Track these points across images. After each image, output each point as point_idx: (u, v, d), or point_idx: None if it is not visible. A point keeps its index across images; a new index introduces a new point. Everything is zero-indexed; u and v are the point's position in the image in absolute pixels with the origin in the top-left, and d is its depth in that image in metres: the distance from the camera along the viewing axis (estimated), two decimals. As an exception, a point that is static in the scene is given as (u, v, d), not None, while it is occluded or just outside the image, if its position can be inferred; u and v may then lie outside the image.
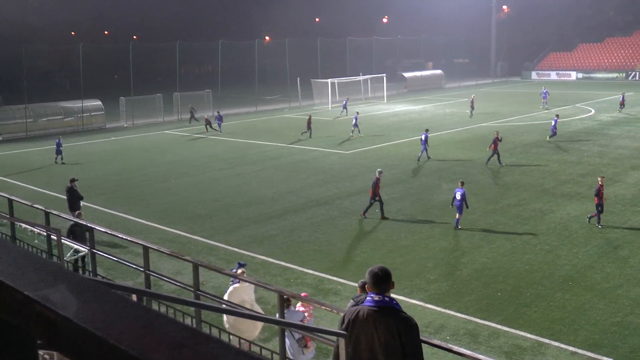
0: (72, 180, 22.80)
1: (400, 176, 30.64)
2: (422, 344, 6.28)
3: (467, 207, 22.50)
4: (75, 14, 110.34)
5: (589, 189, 27.30)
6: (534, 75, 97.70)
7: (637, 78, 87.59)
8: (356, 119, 44.47)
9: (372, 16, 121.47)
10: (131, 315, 1.33)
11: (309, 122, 43.61)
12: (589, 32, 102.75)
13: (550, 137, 39.80)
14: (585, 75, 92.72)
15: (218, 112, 48.53)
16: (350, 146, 39.41)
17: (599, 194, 21.96)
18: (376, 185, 23.53)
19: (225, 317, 12.22)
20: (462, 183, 23.17)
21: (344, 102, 58.85)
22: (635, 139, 39.41)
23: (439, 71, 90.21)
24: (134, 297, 8.78)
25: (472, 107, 53.66)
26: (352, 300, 8.81)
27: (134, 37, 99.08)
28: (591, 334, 14.38)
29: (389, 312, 5.23)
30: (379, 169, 24.68)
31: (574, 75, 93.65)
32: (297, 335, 11.08)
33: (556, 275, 17.96)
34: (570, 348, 13.79)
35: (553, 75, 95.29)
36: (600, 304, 15.99)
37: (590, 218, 22.35)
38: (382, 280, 5.33)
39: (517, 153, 35.60)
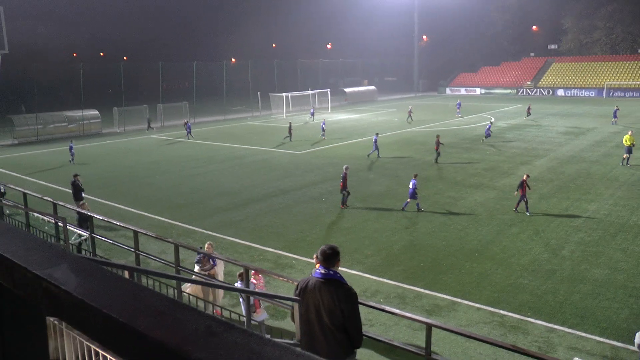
0: (75, 176, 22.41)
1: (342, 171, 30.64)
2: (361, 305, 6.32)
3: (416, 196, 22.55)
4: (75, 39, 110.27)
5: (490, 180, 27.90)
6: (447, 90, 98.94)
7: (524, 93, 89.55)
8: (324, 124, 44.80)
9: (319, 42, 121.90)
10: (121, 288, 1.32)
11: (290, 128, 43.23)
12: (489, 58, 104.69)
13: (484, 139, 40.57)
14: (487, 91, 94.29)
15: (187, 122, 47.65)
16: (302, 147, 39.36)
17: (522, 186, 21.82)
18: (344, 178, 23.37)
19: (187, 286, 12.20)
20: (416, 175, 23.21)
21: (312, 111, 59.95)
22: (525, 141, 40.28)
23: (372, 87, 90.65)
24: (127, 273, 8.65)
25: (410, 116, 54.75)
26: None
27: (125, 57, 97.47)
28: (492, 293, 14.69)
29: (332, 283, 5.26)
30: (345, 165, 24.56)
31: (478, 90, 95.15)
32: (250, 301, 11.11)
33: (466, 248, 18.27)
34: (477, 305, 14.06)
35: (463, 91, 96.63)
36: (498, 270, 16.33)
37: (516, 208, 22.06)
38: (329, 257, 5.36)
39: (434, 152, 36.04)
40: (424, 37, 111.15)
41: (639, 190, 25.32)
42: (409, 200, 22.65)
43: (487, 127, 41.78)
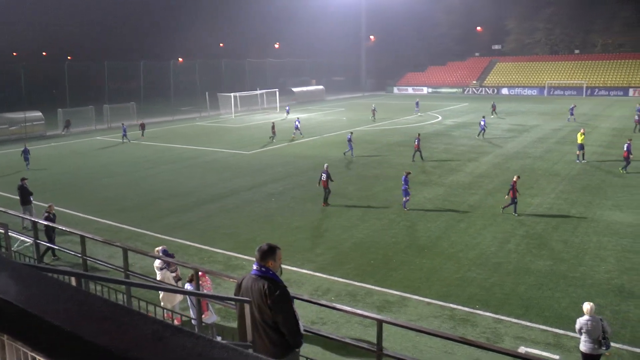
0: (23, 180, 21.61)
1: (291, 171, 30.70)
2: (313, 304, 6.34)
3: (408, 193, 22.57)
4: (15, 38, 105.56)
5: (439, 177, 28.40)
6: (395, 90, 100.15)
7: (470, 92, 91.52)
8: (298, 122, 44.81)
9: (267, 42, 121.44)
10: (66, 295, 1.29)
11: (273, 127, 42.94)
12: (436, 57, 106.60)
13: (479, 135, 41.46)
14: (434, 90, 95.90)
15: (123, 124, 45.91)
16: (251, 147, 39.13)
17: (513, 188, 21.47)
18: (327, 177, 23.29)
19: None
20: (408, 173, 23.18)
21: (287, 108, 61.34)
22: (471, 139, 41.18)
23: (321, 87, 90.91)
24: (74, 280, 8.41)
25: (374, 114, 55.58)
26: None
27: (69, 57, 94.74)
28: (441, 288, 14.97)
29: (263, 279, 5.26)
30: (326, 164, 24.48)
31: (425, 90, 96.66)
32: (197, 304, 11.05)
33: (415, 245, 18.55)
34: (427, 299, 14.31)
35: (410, 90, 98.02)
36: (447, 264, 16.66)
37: (504, 208, 21.83)
38: (264, 253, 5.36)
39: (383, 151, 36.46)
40: (371, 37, 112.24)
41: (578, 184, 26.25)
42: (405, 199, 22.64)
43: (482, 123, 42.09)
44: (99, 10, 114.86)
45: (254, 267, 5.39)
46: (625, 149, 28.95)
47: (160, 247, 13.45)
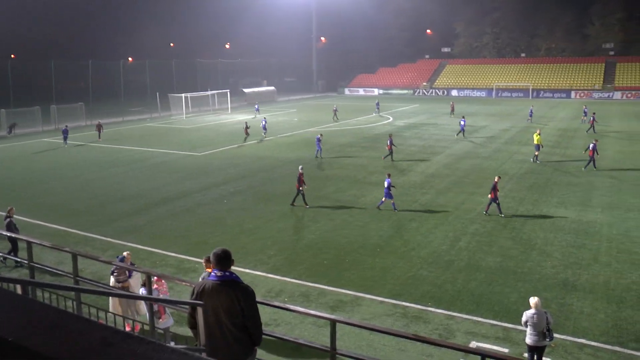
0: None
1: (243, 172, 30.50)
2: (266, 306, 6.34)
3: (391, 195, 22.51)
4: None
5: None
6: (346, 91, 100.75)
7: (420, 94, 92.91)
8: (265, 121, 44.87)
9: (217, 42, 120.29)
10: (10, 304, 1.25)
11: (247, 127, 42.87)
12: (386, 59, 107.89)
13: (458, 134, 42.31)
14: (385, 91, 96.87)
15: (65, 126, 44.13)
16: (202, 148, 38.69)
17: (495, 189, 21.51)
18: (299, 179, 23.03)
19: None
20: (389, 175, 23.27)
21: (256, 107, 62.38)
22: (422, 139, 41.81)
23: (272, 87, 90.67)
24: (19, 288, 8.12)
25: (335, 114, 56.22)
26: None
27: (12, 55, 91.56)
28: (394, 286, 15.15)
29: (230, 284, 5.28)
30: (300, 166, 24.21)
31: (376, 91, 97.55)
32: (153, 309, 10.88)
33: (368, 244, 18.71)
34: (380, 298, 14.45)
35: (361, 92, 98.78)
36: (400, 263, 16.87)
37: (486, 211, 21.74)
38: (223, 260, 5.37)
39: (335, 151, 36.63)
40: (322, 38, 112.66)
41: (526, 183, 27.01)
42: (384, 199, 22.64)
43: (462, 123, 42.94)
44: (44, 7, 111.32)
45: (215, 272, 5.38)
46: (590, 148, 30.03)
47: (125, 253, 13.17)
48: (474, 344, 11.97)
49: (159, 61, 78.80)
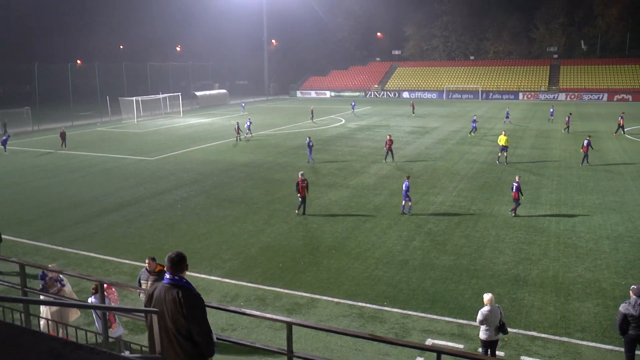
0: None
1: (196, 177, 30.09)
2: (222, 311, 6.23)
3: (410, 197, 22.19)
4: None
5: (344, 179, 28.81)
6: (298, 93, 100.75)
7: (372, 96, 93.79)
8: (249, 122, 46.06)
9: (169, 45, 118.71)
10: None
11: (238, 128, 43.49)
12: (338, 62, 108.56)
13: (471, 133, 44.22)
14: (336, 93, 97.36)
15: (6, 132, 42.81)
16: (155, 153, 37.99)
17: (518, 190, 21.39)
18: (299, 185, 22.06)
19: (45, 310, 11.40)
20: (408, 177, 22.80)
21: (243, 105, 64.82)
22: (375, 141, 42.14)
23: (224, 90, 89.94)
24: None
25: (312, 114, 58.01)
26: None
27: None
28: (350, 287, 15.18)
29: (177, 287, 5.15)
30: (301, 172, 23.13)
31: (328, 93, 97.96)
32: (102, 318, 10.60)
33: (323, 246, 18.71)
34: (336, 299, 14.46)
35: (313, 94, 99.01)
36: (355, 264, 16.93)
37: (513, 211, 21.74)
38: (176, 263, 5.23)
39: (288, 154, 36.56)
40: (274, 41, 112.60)
41: (477, 182, 27.54)
42: (404, 202, 22.24)
43: (473, 122, 44.96)
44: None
45: (166, 276, 5.24)
46: (585, 144, 31.38)
47: (50, 265, 12.73)
48: (429, 342, 12.09)
49: (108, 64, 77.17)
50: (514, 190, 21.63)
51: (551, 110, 54.71)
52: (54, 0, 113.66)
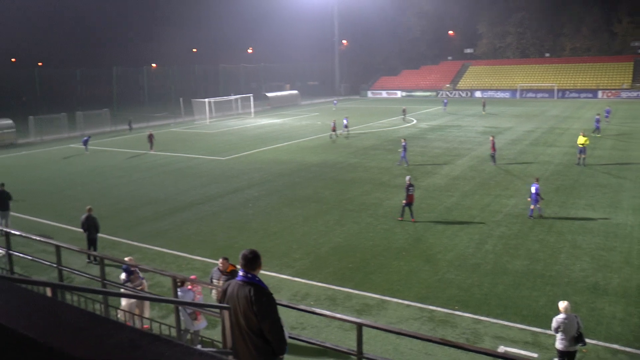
0: (1, 185, 21.69)
1: (267, 176, 30.60)
2: (292, 309, 6.31)
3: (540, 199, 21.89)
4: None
5: (415, 180, 28.44)
6: (369, 94, 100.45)
7: (444, 96, 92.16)
8: (346, 120, 47.20)
9: (240, 47, 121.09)
10: (40, 306, 1.26)
11: (334, 126, 45.10)
12: (409, 61, 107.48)
13: (596, 133, 42.09)
14: (407, 93, 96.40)
15: (88, 137, 44.30)
16: (226, 153, 38.90)
17: (537, 192, 21.07)
18: (407, 191, 21.46)
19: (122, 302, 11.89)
20: (537, 179, 22.21)
21: (335, 102, 67.09)
22: (447, 141, 41.50)
23: (295, 91, 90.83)
24: (49, 291, 8.24)
25: (404, 114, 59.53)
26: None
27: (39, 63, 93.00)
28: (420, 290, 15.03)
29: (249, 285, 5.23)
30: (408, 176, 22.42)
31: (399, 93, 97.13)
32: (189, 310, 10.97)
33: (393, 247, 18.61)
34: (406, 302, 14.35)
35: (384, 94, 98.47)
36: (426, 267, 16.74)
37: (540, 213, 21.45)
38: (250, 260, 5.32)
39: (359, 154, 36.56)
40: (344, 41, 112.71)
41: (553, 185, 26.61)
42: (532, 206, 21.50)
43: (597, 119, 43.39)
44: (70, 16, 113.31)
45: (240, 273, 5.35)
46: None
47: (127, 258, 13.28)
48: (502, 349, 11.81)
49: (182, 67, 79.64)
50: (534, 193, 21.00)
51: (607, 110, 50.96)
52: (130, 7, 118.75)
